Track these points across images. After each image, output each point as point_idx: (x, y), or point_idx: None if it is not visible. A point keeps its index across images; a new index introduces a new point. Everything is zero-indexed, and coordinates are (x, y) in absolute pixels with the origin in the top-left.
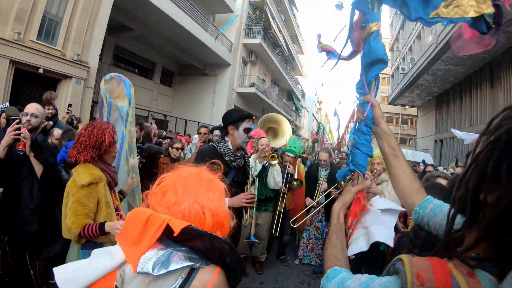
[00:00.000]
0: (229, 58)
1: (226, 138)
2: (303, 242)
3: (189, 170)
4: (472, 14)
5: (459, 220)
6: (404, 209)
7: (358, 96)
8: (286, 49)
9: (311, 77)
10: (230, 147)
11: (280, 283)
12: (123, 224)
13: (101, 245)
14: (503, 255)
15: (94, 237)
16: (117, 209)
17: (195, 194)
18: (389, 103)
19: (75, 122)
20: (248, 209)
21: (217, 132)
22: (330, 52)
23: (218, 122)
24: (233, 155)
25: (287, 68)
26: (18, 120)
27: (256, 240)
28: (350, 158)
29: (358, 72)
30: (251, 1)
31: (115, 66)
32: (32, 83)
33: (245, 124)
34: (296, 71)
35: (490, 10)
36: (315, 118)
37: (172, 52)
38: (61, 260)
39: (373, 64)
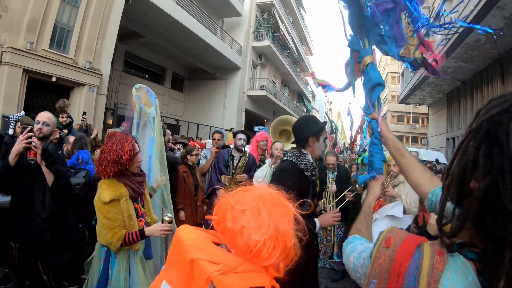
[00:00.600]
0: (238, 62)
1: (304, 151)
2: None
3: (273, 193)
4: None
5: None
6: (400, 216)
7: (366, 116)
8: (295, 51)
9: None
10: (312, 160)
11: None
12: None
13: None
14: (484, 241)
15: (135, 243)
16: (142, 216)
17: (276, 223)
18: (400, 102)
19: (90, 131)
20: (327, 228)
21: (240, 135)
22: (326, 86)
23: (230, 125)
24: (314, 169)
25: (296, 69)
26: (29, 128)
27: (340, 259)
28: (369, 167)
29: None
30: (258, 3)
31: (126, 72)
32: (45, 92)
33: (324, 134)
34: (306, 72)
35: (418, 55)
36: (327, 117)
37: (182, 57)
38: (73, 267)
39: (373, 88)
